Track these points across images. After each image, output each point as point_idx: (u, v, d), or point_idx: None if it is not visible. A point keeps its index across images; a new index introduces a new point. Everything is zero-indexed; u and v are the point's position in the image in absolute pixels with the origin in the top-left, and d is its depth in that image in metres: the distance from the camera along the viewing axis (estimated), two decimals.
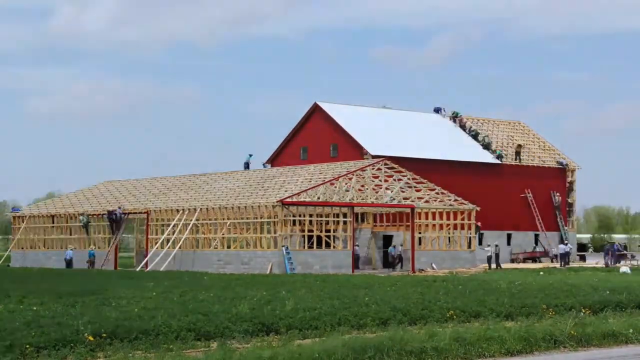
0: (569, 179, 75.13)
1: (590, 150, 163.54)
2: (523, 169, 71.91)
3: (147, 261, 56.30)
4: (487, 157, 70.31)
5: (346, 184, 53.80)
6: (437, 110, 76.10)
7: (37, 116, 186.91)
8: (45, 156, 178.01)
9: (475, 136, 72.84)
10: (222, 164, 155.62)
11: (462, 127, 74.01)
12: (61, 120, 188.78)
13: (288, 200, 50.11)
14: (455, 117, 75.63)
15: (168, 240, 56.51)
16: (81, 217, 61.30)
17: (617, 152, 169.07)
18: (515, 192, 70.53)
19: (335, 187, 53.07)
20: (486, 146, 72.05)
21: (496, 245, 59.07)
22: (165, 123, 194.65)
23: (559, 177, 74.47)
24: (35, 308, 22.21)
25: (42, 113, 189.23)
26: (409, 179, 56.46)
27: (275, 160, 71.21)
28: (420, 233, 57.31)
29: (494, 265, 56.95)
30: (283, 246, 49.27)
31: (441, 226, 57.76)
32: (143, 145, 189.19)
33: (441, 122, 74.49)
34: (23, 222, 66.46)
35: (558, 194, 73.43)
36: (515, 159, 72.27)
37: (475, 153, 70.50)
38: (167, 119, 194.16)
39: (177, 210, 56.06)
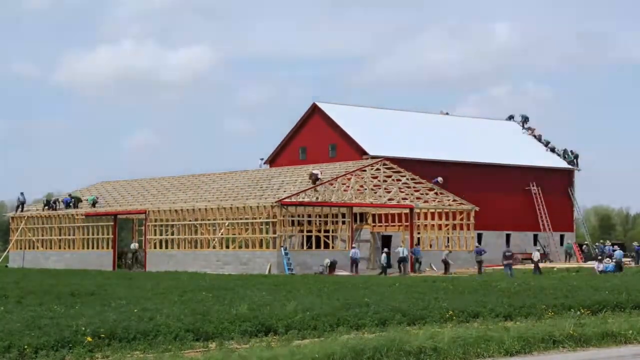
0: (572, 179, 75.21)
1: (590, 150, 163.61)
2: (526, 170, 71.88)
3: (145, 262, 56.36)
4: (496, 159, 70.41)
5: (344, 184, 53.81)
6: (511, 118, 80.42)
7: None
8: (44, 156, 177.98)
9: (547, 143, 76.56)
10: (222, 163, 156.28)
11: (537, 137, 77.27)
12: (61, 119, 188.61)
13: (287, 200, 50.12)
14: (525, 121, 79.87)
15: (167, 241, 56.58)
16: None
17: (617, 152, 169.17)
18: (516, 192, 70.49)
19: (334, 187, 53.09)
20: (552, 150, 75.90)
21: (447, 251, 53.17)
22: (164, 123, 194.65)
23: (564, 177, 74.44)
24: (34, 309, 22.19)
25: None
26: (407, 179, 56.49)
27: (274, 160, 71.23)
28: (419, 233, 57.31)
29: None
30: (282, 246, 49.30)
31: (440, 226, 57.79)
32: (143, 144, 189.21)
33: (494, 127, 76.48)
34: (22, 222, 66.46)
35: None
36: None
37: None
38: (167, 119, 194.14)
39: (176, 211, 56.08)
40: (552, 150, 76.17)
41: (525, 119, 79.95)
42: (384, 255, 50.95)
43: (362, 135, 65.09)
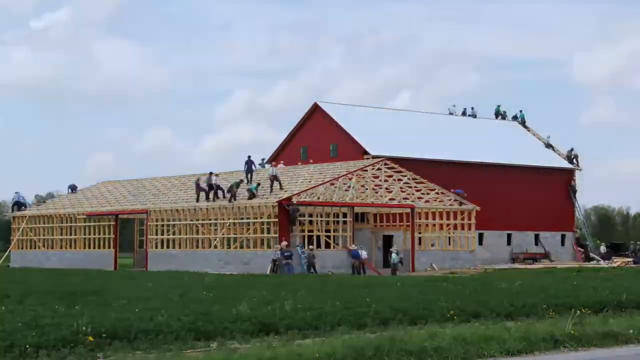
0: (574, 179, 75.02)
1: (590, 150, 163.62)
2: (527, 170, 71.81)
3: (146, 261, 56.37)
4: (497, 159, 70.27)
5: (345, 183, 53.78)
6: (458, 112, 78.75)
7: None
8: (43, 156, 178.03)
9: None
10: (222, 164, 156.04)
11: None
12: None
13: (287, 200, 50.10)
14: (499, 114, 79.76)
15: (168, 240, 56.60)
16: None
17: (617, 152, 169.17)
18: (516, 192, 70.43)
19: (335, 187, 53.07)
20: (550, 147, 76.19)
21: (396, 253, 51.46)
22: (164, 123, 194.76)
23: (564, 177, 74.34)
24: (35, 308, 22.18)
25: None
26: (409, 179, 56.47)
27: (275, 160, 71.17)
28: (420, 233, 57.30)
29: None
30: (297, 245, 49.37)
31: (441, 226, 57.78)
32: (144, 144, 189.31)
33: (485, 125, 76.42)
34: (23, 222, 66.49)
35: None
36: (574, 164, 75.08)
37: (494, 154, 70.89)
38: (167, 119, 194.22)
39: (177, 210, 56.07)
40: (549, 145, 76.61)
41: (498, 112, 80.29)
42: (394, 255, 50.93)
43: (363, 135, 65.05)
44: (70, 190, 71.55)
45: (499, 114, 79.72)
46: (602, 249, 71.41)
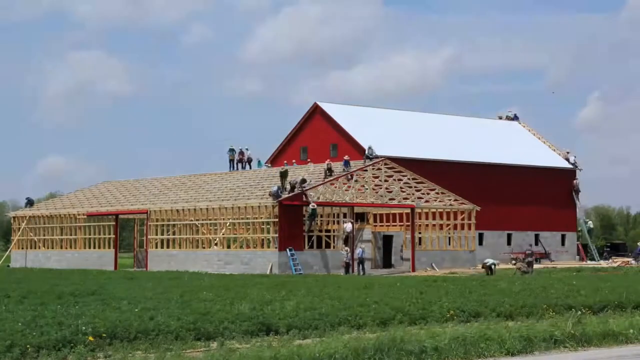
0: (575, 180, 74.94)
1: (590, 150, 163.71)
2: (528, 170, 71.78)
3: (146, 261, 56.36)
4: (495, 159, 70.26)
5: (345, 183, 53.78)
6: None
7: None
8: (45, 156, 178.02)
9: None
10: (222, 164, 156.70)
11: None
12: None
13: (287, 200, 50.09)
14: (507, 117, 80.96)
15: (168, 240, 56.59)
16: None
17: (617, 151, 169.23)
18: (516, 192, 70.40)
19: (335, 187, 53.07)
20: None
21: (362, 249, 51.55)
22: (165, 122, 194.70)
23: (564, 177, 74.24)
24: (35, 308, 22.19)
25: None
26: (409, 178, 56.46)
27: (275, 160, 71.19)
28: (420, 233, 57.28)
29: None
30: (288, 248, 49.28)
31: (441, 226, 57.77)
32: (144, 144, 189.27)
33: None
34: (23, 222, 66.49)
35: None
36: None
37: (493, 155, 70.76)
38: (168, 118, 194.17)
39: (178, 210, 56.08)
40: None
41: (514, 117, 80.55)
42: (345, 252, 50.03)
43: (364, 135, 65.02)
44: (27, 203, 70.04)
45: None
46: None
